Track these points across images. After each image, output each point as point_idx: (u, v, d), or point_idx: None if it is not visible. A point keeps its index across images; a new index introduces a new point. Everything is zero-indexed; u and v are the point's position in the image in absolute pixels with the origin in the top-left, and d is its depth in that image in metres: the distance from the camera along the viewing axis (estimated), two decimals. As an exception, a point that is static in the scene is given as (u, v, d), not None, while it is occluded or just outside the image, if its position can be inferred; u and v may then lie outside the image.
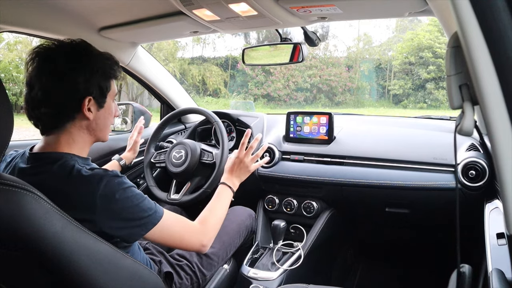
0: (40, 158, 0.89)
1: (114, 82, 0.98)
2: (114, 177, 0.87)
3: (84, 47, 0.93)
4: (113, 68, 0.96)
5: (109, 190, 0.84)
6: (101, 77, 0.93)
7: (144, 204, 0.90)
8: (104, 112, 0.96)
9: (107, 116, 0.98)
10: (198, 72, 13.01)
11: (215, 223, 1.09)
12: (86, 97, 0.90)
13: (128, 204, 0.86)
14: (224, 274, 1.30)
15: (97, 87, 0.92)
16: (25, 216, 0.70)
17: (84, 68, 0.89)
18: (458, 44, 0.50)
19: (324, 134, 1.59)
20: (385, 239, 1.84)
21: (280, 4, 1.11)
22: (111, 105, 0.98)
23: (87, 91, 0.90)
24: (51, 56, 0.88)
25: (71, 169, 0.85)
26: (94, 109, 0.93)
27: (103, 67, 0.93)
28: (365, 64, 13.42)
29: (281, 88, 12.84)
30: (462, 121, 0.51)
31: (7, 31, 1.33)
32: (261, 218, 1.62)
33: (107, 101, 0.96)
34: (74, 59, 0.89)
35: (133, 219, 0.87)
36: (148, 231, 0.90)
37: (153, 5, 1.27)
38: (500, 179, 0.46)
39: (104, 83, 0.94)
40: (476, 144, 1.36)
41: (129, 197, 0.87)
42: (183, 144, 1.53)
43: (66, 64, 0.88)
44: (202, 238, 1.02)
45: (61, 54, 0.89)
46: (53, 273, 0.77)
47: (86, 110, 0.90)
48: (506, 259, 0.74)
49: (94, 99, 0.92)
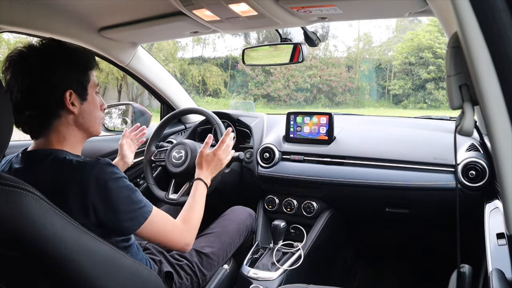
0: (32, 156, 0.90)
1: (93, 74, 0.97)
2: (107, 165, 0.87)
3: (55, 44, 0.93)
4: (88, 60, 0.96)
5: (102, 178, 0.84)
6: (77, 70, 0.93)
7: (135, 196, 0.90)
8: (88, 105, 0.96)
9: (92, 109, 0.97)
10: (198, 72, 13.01)
11: (196, 221, 1.10)
12: (66, 91, 0.90)
13: (120, 194, 0.86)
14: (224, 274, 1.30)
15: (75, 80, 0.92)
16: (25, 216, 0.70)
17: (58, 64, 0.89)
18: (458, 44, 0.50)
19: (324, 134, 1.59)
20: (385, 239, 1.84)
21: (280, 4, 1.11)
22: (94, 97, 0.98)
23: (66, 85, 0.90)
24: (24, 58, 0.88)
25: (62, 160, 0.86)
26: (78, 103, 0.93)
27: (78, 60, 0.93)
28: (365, 64, 13.43)
29: (281, 88, 12.84)
30: (462, 121, 0.51)
31: (7, 31, 1.33)
32: (261, 218, 1.62)
33: (89, 93, 0.95)
34: (47, 57, 0.89)
35: (124, 211, 0.87)
36: (140, 225, 0.90)
37: (153, 5, 1.27)
38: (500, 179, 0.46)
39: (81, 75, 0.93)
40: (476, 144, 1.36)
41: (120, 187, 0.87)
42: (183, 144, 1.53)
43: (40, 62, 0.88)
44: (186, 236, 1.02)
45: (33, 54, 0.89)
46: (53, 273, 0.77)
47: (69, 104, 0.90)
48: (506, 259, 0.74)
49: (75, 93, 0.92)
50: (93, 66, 0.97)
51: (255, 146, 1.70)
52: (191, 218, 1.08)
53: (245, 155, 1.68)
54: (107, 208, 0.84)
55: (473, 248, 1.04)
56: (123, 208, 0.87)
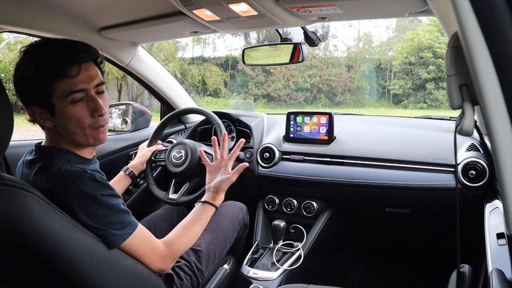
0: (38, 151, 0.90)
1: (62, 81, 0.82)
2: (91, 180, 0.82)
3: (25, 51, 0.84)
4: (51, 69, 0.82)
5: (81, 194, 0.80)
6: (33, 83, 0.82)
7: (114, 217, 0.84)
8: (60, 119, 0.85)
9: (67, 123, 0.85)
10: (198, 72, 13.01)
11: (183, 247, 1.03)
12: (30, 107, 0.84)
13: (99, 213, 0.82)
14: (224, 274, 1.30)
15: (33, 95, 0.83)
16: (25, 216, 0.70)
17: (19, 76, 0.83)
18: (458, 44, 0.50)
19: (324, 134, 1.59)
20: (385, 239, 1.84)
21: (280, 4, 1.11)
22: (66, 110, 0.84)
23: (28, 100, 0.84)
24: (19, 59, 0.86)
25: (53, 166, 0.84)
26: (49, 116, 0.85)
27: (35, 71, 0.82)
28: (365, 64, 13.42)
29: (281, 88, 12.83)
30: (462, 121, 0.51)
31: (7, 31, 1.33)
32: (261, 218, 1.62)
33: (56, 106, 0.83)
34: (16, 67, 0.84)
35: (102, 229, 0.83)
36: (118, 245, 0.86)
37: (153, 5, 1.27)
38: (500, 179, 0.46)
39: (40, 88, 0.82)
40: (476, 144, 1.36)
41: (101, 205, 0.82)
42: (183, 144, 1.52)
43: (14, 72, 0.85)
44: (163, 262, 0.97)
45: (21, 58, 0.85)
46: (53, 273, 0.77)
47: (39, 119, 0.85)
48: (506, 259, 0.74)
49: (42, 107, 0.84)
50: (58, 74, 0.82)
51: (255, 146, 1.70)
52: (178, 243, 1.01)
53: (245, 155, 1.68)
54: (83, 222, 0.81)
55: (473, 248, 1.04)
56: (97, 226, 0.82)
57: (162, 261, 0.97)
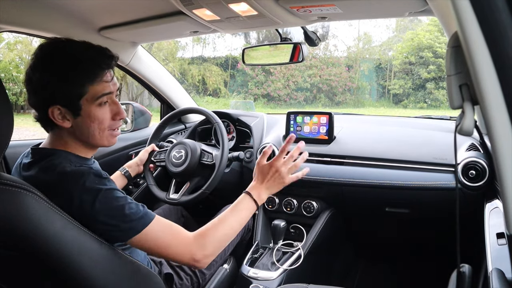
0: (36, 153, 0.89)
1: (95, 85, 0.85)
2: (97, 177, 0.82)
3: (52, 50, 0.85)
4: (86, 72, 0.84)
5: (90, 189, 0.80)
6: (66, 85, 0.82)
7: (127, 208, 0.83)
8: (83, 120, 0.86)
9: (90, 124, 0.87)
10: (198, 72, 13.00)
11: (220, 237, 0.94)
12: (51, 107, 0.83)
13: (109, 206, 0.81)
14: (224, 274, 1.30)
15: (65, 96, 0.83)
16: (25, 216, 0.70)
17: (45, 75, 0.82)
18: (458, 44, 0.50)
19: (324, 134, 1.59)
20: (385, 239, 1.84)
21: (280, 4, 1.11)
22: (92, 111, 0.86)
23: (52, 100, 0.83)
24: (36, 56, 0.85)
25: (56, 166, 0.82)
26: (70, 117, 0.85)
27: (70, 73, 0.83)
28: (365, 64, 13.41)
29: (281, 88, 12.83)
30: (462, 121, 0.51)
31: (7, 31, 1.33)
32: (261, 218, 1.62)
33: (83, 108, 0.85)
34: (37, 65, 0.83)
35: (113, 224, 0.82)
36: (130, 238, 0.83)
37: (153, 5, 1.27)
38: (500, 179, 0.46)
39: (71, 90, 0.83)
40: (476, 144, 1.36)
41: (110, 198, 0.82)
42: (183, 144, 1.52)
43: (33, 69, 0.83)
44: (195, 251, 0.89)
45: (33, 57, 0.84)
46: (53, 273, 0.77)
47: (58, 119, 0.84)
48: (506, 259, 0.74)
49: (65, 108, 0.84)
50: (94, 78, 0.85)
51: (255, 146, 1.70)
52: (211, 233, 0.93)
53: (245, 154, 1.68)
54: (95, 222, 0.80)
55: (473, 248, 1.04)
56: (111, 222, 0.81)
57: (196, 249, 0.90)
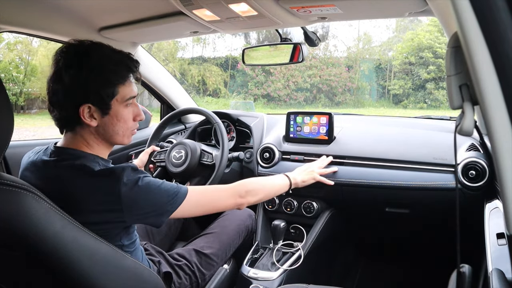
0: (62, 152, 0.90)
1: (125, 86, 0.91)
2: (133, 170, 0.89)
3: (87, 48, 0.89)
4: (119, 73, 0.90)
5: (131, 180, 0.86)
6: (101, 83, 0.87)
7: (165, 185, 0.92)
8: (111, 119, 0.91)
9: (115, 122, 0.92)
10: (198, 72, 13.00)
11: (255, 185, 1.14)
12: (83, 105, 0.86)
13: (151, 188, 0.89)
14: (224, 274, 1.30)
15: (97, 95, 0.87)
16: (25, 216, 0.70)
17: (80, 73, 0.85)
18: (458, 44, 0.50)
19: (324, 134, 1.59)
20: (385, 239, 1.84)
21: (280, 4, 1.11)
22: (120, 111, 0.92)
23: (85, 98, 0.86)
24: (58, 58, 0.88)
25: (92, 168, 0.85)
26: (98, 116, 0.89)
27: (105, 72, 0.88)
28: (365, 64, 13.41)
29: (281, 88, 12.83)
30: (462, 121, 0.51)
31: (7, 31, 1.33)
32: (261, 218, 1.62)
33: (112, 107, 0.90)
34: (72, 62, 0.86)
35: (158, 202, 0.90)
36: (176, 208, 0.92)
37: (153, 5, 1.27)
38: (500, 179, 0.46)
39: (105, 89, 0.88)
40: (476, 144, 1.36)
41: (150, 182, 0.89)
42: (183, 144, 1.52)
43: (65, 67, 0.86)
44: (236, 196, 1.07)
45: (64, 56, 0.87)
46: (53, 273, 0.77)
47: (87, 117, 0.88)
48: (506, 259, 0.74)
49: (95, 106, 0.88)
50: (123, 81, 0.91)
51: (255, 146, 1.70)
52: (250, 182, 1.14)
53: (245, 155, 1.68)
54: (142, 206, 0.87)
55: (473, 248, 1.04)
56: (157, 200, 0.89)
57: (236, 194, 1.08)
